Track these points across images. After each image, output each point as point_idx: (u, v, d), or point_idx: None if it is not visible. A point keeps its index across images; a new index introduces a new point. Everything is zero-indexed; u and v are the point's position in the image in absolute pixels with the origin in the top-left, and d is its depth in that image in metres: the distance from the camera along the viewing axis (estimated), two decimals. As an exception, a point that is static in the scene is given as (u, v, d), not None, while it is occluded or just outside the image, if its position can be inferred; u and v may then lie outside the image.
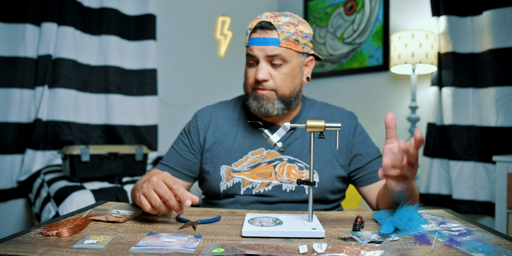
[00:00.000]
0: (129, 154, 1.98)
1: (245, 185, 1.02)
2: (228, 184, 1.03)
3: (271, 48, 0.97)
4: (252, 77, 1.02)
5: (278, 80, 1.00)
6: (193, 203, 0.74)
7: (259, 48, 0.98)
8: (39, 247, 0.60)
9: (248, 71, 1.04)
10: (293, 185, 1.01)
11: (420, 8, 2.53)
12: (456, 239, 0.64)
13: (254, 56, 0.99)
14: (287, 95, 1.02)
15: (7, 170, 2.08)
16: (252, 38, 1.00)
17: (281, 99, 1.01)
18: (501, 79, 2.08)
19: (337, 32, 3.04)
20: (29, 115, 2.14)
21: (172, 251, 0.59)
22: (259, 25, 0.98)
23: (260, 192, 1.01)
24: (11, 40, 2.06)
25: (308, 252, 0.57)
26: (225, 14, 3.11)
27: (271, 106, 1.01)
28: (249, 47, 1.00)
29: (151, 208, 0.75)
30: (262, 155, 1.04)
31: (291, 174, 1.02)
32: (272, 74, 1.00)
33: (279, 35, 0.96)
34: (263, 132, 0.81)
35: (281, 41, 0.97)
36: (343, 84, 3.02)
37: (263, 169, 1.03)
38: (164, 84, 2.74)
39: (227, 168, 1.04)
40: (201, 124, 1.12)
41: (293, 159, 1.04)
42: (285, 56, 0.98)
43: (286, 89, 1.01)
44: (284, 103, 1.02)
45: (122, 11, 2.49)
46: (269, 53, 0.97)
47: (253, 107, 1.03)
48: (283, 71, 1.00)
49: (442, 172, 2.34)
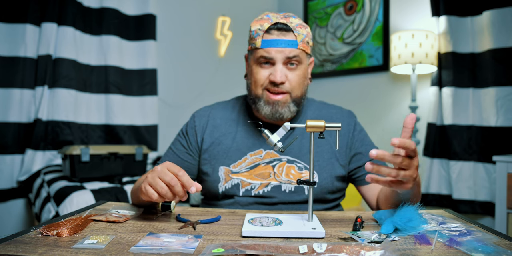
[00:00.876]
0: (129, 154, 1.98)
1: (244, 186, 1.01)
2: (226, 185, 1.02)
3: (290, 50, 0.96)
4: (264, 79, 0.99)
5: (293, 82, 0.99)
6: (197, 191, 0.74)
7: (278, 50, 0.96)
8: (39, 247, 0.60)
9: (258, 72, 1.00)
10: (292, 185, 1.01)
11: (420, 8, 2.53)
12: (456, 239, 0.64)
13: (271, 58, 0.97)
14: (299, 96, 1.02)
15: (7, 170, 2.08)
16: (268, 39, 0.97)
17: (294, 101, 1.01)
18: (501, 79, 2.08)
19: (337, 32, 3.04)
20: (29, 115, 2.14)
21: (172, 251, 0.59)
22: (274, 26, 0.96)
23: (259, 193, 1.01)
24: (11, 40, 2.06)
25: (308, 252, 0.57)
26: (225, 14, 3.11)
27: (287, 110, 1.01)
28: (264, 49, 0.97)
29: (158, 196, 0.74)
30: (261, 156, 1.04)
31: (290, 175, 1.02)
32: (287, 76, 0.99)
33: (297, 37, 0.96)
34: (263, 132, 0.81)
35: (299, 43, 0.97)
36: (343, 84, 3.02)
37: (262, 169, 1.02)
38: (164, 84, 2.74)
39: (226, 169, 1.04)
40: (199, 124, 1.11)
41: (292, 159, 1.04)
42: (301, 58, 0.99)
43: (299, 91, 1.01)
44: (297, 105, 1.03)
45: (122, 11, 2.49)
46: (289, 55, 0.96)
47: (266, 112, 1.01)
48: (297, 73, 1.00)
49: (442, 172, 2.34)
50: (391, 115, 2.69)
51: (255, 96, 1.02)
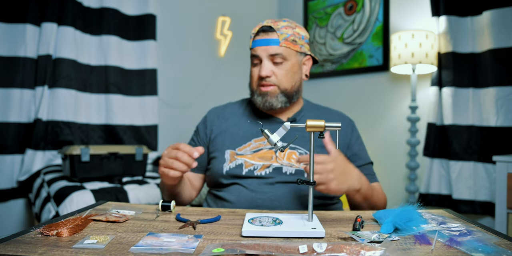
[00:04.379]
0: (129, 154, 1.98)
1: (247, 167, 1.09)
2: (231, 165, 1.10)
3: (273, 47, 1.08)
4: (256, 75, 1.13)
5: (279, 76, 1.11)
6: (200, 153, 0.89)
7: (262, 48, 1.09)
8: (39, 247, 0.60)
9: (252, 71, 1.15)
10: (293, 168, 1.08)
11: (420, 8, 2.53)
12: (456, 239, 0.64)
13: (258, 56, 1.11)
14: (289, 89, 1.13)
15: (7, 170, 2.08)
16: (255, 40, 1.12)
17: (283, 93, 1.12)
18: (501, 79, 2.08)
19: (337, 32, 3.04)
20: (29, 115, 2.14)
21: (172, 251, 0.59)
22: (261, 29, 1.11)
23: (261, 174, 1.07)
24: (11, 40, 2.06)
25: (308, 252, 0.57)
26: (225, 14, 3.11)
27: (275, 100, 1.12)
28: (253, 49, 1.12)
29: (174, 171, 0.89)
30: (264, 142, 1.13)
31: (292, 159, 1.09)
32: (274, 71, 1.11)
33: (279, 36, 1.08)
34: (263, 131, 0.81)
35: (280, 41, 1.08)
36: (343, 84, 3.02)
37: (264, 153, 1.11)
38: (164, 84, 2.73)
39: (231, 152, 1.13)
40: (209, 119, 1.24)
41: (293, 146, 1.12)
42: (285, 55, 1.10)
43: (287, 84, 1.12)
44: (286, 97, 1.13)
45: (122, 11, 2.49)
46: (271, 52, 1.09)
47: (258, 102, 1.13)
48: (283, 68, 1.11)
49: (442, 172, 2.34)
50: (391, 115, 2.69)
51: (252, 91, 1.17)
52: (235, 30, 3.14)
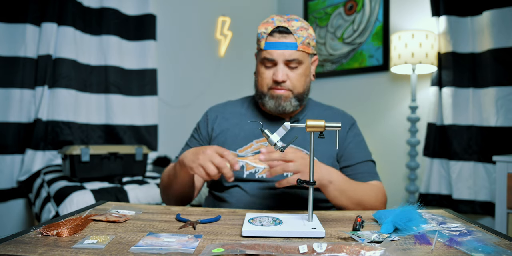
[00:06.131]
0: (129, 154, 1.98)
1: (248, 169, 1.08)
2: None
3: (290, 52, 1.04)
4: (268, 78, 1.08)
5: (294, 80, 1.08)
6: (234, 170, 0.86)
7: (279, 52, 1.04)
8: (39, 247, 0.60)
9: (264, 72, 1.09)
10: None
11: (420, 8, 2.53)
12: (456, 239, 0.64)
13: (273, 59, 1.05)
14: (301, 93, 1.11)
15: (7, 170, 2.08)
16: (270, 42, 1.05)
17: (296, 97, 1.10)
18: (501, 79, 2.08)
19: (337, 32, 3.04)
20: (29, 115, 2.14)
21: (172, 251, 0.59)
22: (276, 29, 1.04)
23: (263, 177, 1.07)
24: (11, 40, 2.06)
25: (308, 252, 0.57)
26: (225, 14, 3.11)
27: (289, 104, 1.09)
28: (267, 51, 1.06)
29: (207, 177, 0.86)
30: (266, 143, 1.11)
31: None
32: (289, 75, 1.07)
33: (296, 39, 1.04)
34: (263, 131, 0.81)
35: (298, 45, 1.04)
36: (343, 84, 3.02)
37: None
38: (164, 84, 2.73)
39: (232, 153, 1.09)
40: (210, 117, 1.22)
41: (294, 147, 1.10)
42: (301, 59, 1.06)
43: (300, 88, 1.10)
44: (298, 101, 1.11)
45: (122, 11, 2.49)
46: (288, 58, 1.04)
47: (270, 105, 1.10)
48: (298, 72, 1.08)
49: (442, 172, 2.34)
50: (391, 115, 2.69)
51: (261, 93, 1.12)
52: (235, 30, 3.14)
